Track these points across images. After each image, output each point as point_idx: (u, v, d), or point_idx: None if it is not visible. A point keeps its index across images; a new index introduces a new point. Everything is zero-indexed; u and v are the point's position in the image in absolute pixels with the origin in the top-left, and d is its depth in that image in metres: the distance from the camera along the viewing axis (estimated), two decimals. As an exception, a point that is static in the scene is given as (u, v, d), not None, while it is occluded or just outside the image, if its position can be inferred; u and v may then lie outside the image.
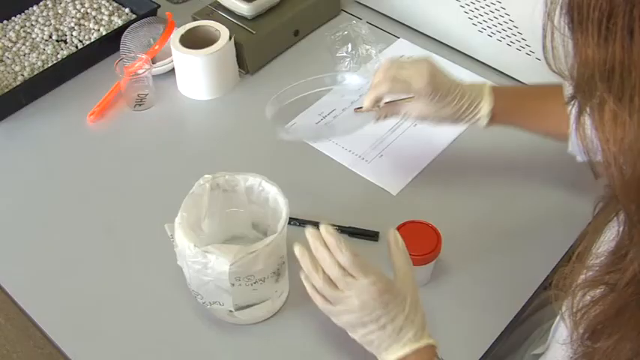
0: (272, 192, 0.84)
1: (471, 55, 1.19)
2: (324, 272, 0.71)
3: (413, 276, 0.73)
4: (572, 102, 0.52)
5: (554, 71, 0.53)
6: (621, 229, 0.53)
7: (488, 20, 1.12)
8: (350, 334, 0.72)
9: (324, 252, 0.71)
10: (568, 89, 0.53)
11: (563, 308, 0.61)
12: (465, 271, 0.91)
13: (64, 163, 1.07)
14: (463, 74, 1.17)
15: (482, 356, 0.83)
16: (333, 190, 1.01)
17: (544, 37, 0.52)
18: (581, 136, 0.51)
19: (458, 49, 1.21)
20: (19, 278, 0.93)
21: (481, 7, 1.11)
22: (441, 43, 1.22)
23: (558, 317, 0.70)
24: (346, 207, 0.98)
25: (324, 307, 0.73)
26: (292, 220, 0.94)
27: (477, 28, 1.14)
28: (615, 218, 0.54)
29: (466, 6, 1.13)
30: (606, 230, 0.58)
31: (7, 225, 0.99)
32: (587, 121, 0.50)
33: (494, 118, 0.88)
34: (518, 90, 0.90)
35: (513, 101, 0.89)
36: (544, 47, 0.52)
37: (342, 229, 0.95)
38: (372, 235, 0.94)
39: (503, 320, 0.86)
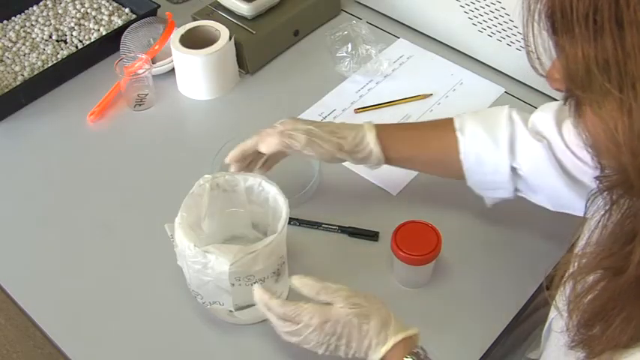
0: (272, 192, 0.84)
1: (471, 55, 1.19)
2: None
3: (336, 292, 0.75)
4: (569, 101, 0.52)
5: (541, 75, 0.54)
6: (618, 215, 0.54)
7: (488, 20, 1.12)
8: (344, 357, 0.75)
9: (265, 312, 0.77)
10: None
11: (559, 300, 0.61)
12: (465, 271, 0.91)
13: (64, 163, 1.07)
14: (463, 74, 1.18)
15: (482, 356, 0.83)
16: (333, 190, 1.01)
17: (527, 44, 0.52)
18: (584, 131, 0.52)
19: (458, 49, 1.21)
20: (19, 278, 0.93)
21: (481, 7, 1.11)
22: (441, 43, 1.22)
23: (553, 311, 0.70)
24: (346, 207, 0.98)
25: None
26: (292, 220, 0.94)
27: (477, 28, 1.14)
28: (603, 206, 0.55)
29: (466, 6, 1.13)
30: (592, 219, 0.59)
31: (7, 225, 0.99)
32: (587, 115, 0.51)
33: (387, 153, 0.88)
34: (402, 124, 0.94)
35: (398, 133, 0.91)
36: (528, 54, 0.53)
37: (342, 229, 0.95)
38: (372, 235, 0.94)
39: (503, 320, 0.86)
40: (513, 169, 0.85)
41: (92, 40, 1.23)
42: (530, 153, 0.83)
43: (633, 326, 0.53)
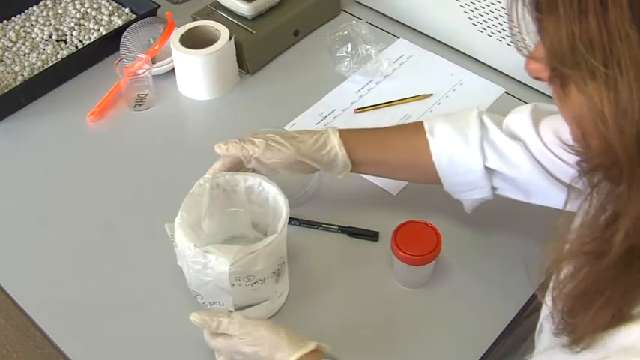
0: (272, 192, 0.84)
1: (471, 55, 1.19)
2: None
3: (229, 325, 0.75)
4: (553, 81, 0.53)
5: (526, 56, 0.55)
6: (599, 200, 0.54)
7: (488, 20, 1.12)
8: None
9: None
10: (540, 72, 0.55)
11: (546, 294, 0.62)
12: (465, 271, 0.91)
13: (64, 163, 1.07)
14: (463, 74, 1.18)
15: (482, 356, 0.83)
16: (333, 190, 1.01)
17: (511, 27, 0.53)
18: (570, 111, 0.52)
19: (458, 49, 1.21)
20: (19, 278, 0.93)
21: (481, 7, 1.11)
22: (441, 43, 1.22)
23: (545, 309, 0.71)
24: (346, 207, 0.98)
25: None
26: (292, 220, 0.94)
27: (477, 28, 1.14)
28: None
29: (466, 6, 1.13)
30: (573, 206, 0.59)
31: (7, 225, 0.99)
32: (572, 95, 0.51)
33: (353, 156, 0.87)
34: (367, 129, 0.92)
35: (365, 136, 0.90)
36: (512, 36, 0.53)
37: (342, 229, 0.95)
38: (372, 235, 0.94)
39: (503, 320, 0.86)
40: (489, 170, 0.84)
41: (92, 40, 1.23)
42: (511, 155, 0.83)
43: (615, 306, 0.54)
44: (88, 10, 1.28)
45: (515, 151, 0.82)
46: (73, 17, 1.26)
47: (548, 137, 0.80)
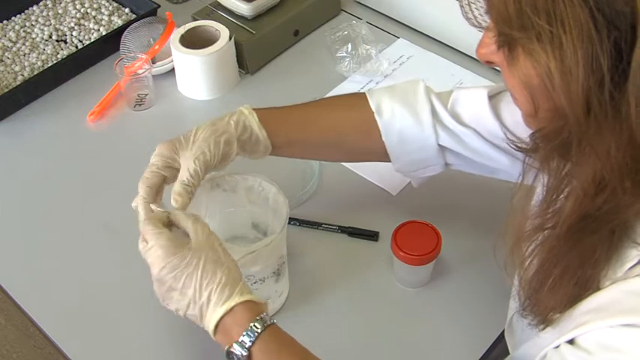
0: (272, 192, 0.84)
1: (471, 55, 1.19)
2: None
3: (205, 235, 0.68)
4: (502, 49, 0.56)
5: (475, 26, 0.59)
6: (550, 172, 0.56)
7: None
8: (177, 313, 0.69)
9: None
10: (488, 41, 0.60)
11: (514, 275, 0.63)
12: (465, 271, 0.91)
13: (64, 163, 1.07)
14: (463, 74, 1.18)
15: (482, 356, 0.84)
16: (333, 190, 1.01)
17: (460, 1, 0.58)
18: (519, 76, 0.54)
19: (458, 49, 1.21)
20: (19, 278, 0.93)
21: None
22: (441, 43, 1.23)
23: (512, 308, 0.71)
24: (346, 207, 0.98)
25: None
26: (292, 220, 0.94)
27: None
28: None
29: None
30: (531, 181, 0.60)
31: (6, 225, 0.99)
32: (520, 58, 0.53)
33: (275, 136, 0.82)
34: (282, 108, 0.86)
35: (286, 114, 0.85)
36: (461, 8, 0.60)
37: (342, 229, 0.95)
38: (372, 235, 0.94)
39: (503, 320, 0.86)
40: (442, 147, 0.83)
41: (92, 40, 1.23)
42: (465, 139, 0.82)
43: (573, 275, 0.55)
44: (88, 10, 1.28)
45: (468, 136, 0.81)
46: (73, 17, 1.26)
47: (515, 117, 0.79)
